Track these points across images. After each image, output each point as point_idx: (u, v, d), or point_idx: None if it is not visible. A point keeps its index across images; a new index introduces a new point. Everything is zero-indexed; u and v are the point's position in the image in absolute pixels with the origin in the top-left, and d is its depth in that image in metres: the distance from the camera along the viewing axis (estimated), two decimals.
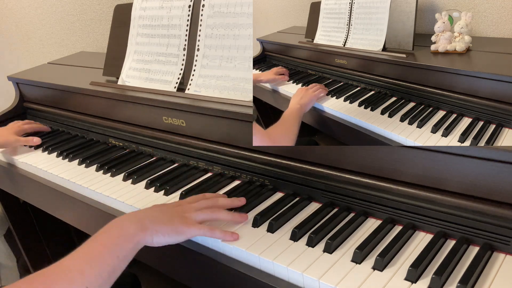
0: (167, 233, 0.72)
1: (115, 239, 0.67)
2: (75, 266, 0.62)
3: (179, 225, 0.74)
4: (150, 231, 0.70)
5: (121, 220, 0.71)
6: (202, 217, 0.78)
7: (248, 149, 0.97)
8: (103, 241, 0.66)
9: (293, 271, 0.69)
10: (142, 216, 0.72)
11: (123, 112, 1.23)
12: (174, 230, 0.73)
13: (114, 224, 0.70)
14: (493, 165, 0.67)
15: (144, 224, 0.70)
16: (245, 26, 1.03)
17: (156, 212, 0.75)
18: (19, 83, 1.55)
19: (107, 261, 0.64)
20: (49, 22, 2.08)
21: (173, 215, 0.75)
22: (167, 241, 0.73)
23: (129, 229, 0.69)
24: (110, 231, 0.68)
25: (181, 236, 0.74)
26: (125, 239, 0.67)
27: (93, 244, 0.66)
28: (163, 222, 0.73)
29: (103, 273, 0.63)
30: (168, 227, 0.73)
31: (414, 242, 0.73)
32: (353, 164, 0.83)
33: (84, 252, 0.65)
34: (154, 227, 0.71)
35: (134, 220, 0.71)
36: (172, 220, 0.74)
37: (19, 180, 1.27)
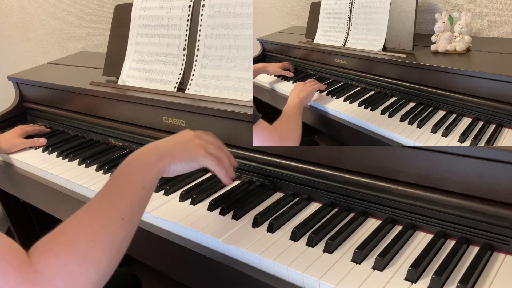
0: (183, 159, 0.75)
1: (138, 171, 0.69)
2: (107, 202, 0.63)
3: (193, 152, 0.77)
4: (168, 158, 0.73)
5: (140, 152, 0.72)
6: (212, 151, 0.80)
7: (248, 149, 0.97)
8: (127, 174, 0.68)
9: (293, 271, 0.69)
10: (159, 146, 0.75)
11: (123, 112, 1.23)
12: (190, 157, 0.76)
13: (134, 157, 0.71)
14: (493, 165, 0.67)
15: (161, 153, 0.73)
16: (245, 26, 1.03)
17: (172, 141, 0.78)
18: (19, 83, 1.55)
19: (135, 191, 0.66)
20: (49, 22, 2.08)
21: (187, 143, 0.78)
22: (183, 168, 0.76)
23: (149, 160, 0.71)
24: (132, 164, 0.70)
25: (195, 163, 0.77)
26: (147, 169, 0.69)
27: (119, 179, 0.68)
28: (180, 149, 0.76)
29: (134, 203, 0.64)
30: (184, 153, 0.75)
31: (414, 242, 0.73)
32: (353, 164, 0.83)
33: (113, 188, 0.66)
34: (171, 154, 0.74)
35: (152, 150, 0.73)
36: (186, 147, 0.77)
37: (19, 180, 1.27)
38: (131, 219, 0.63)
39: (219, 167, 0.79)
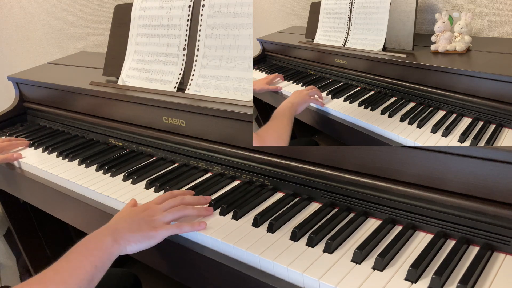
0: (138, 240, 0.77)
1: (93, 250, 0.72)
2: (58, 277, 0.67)
3: (147, 231, 0.78)
4: (123, 241, 0.76)
5: (97, 233, 0.77)
6: (169, 218, 0.82)
7: (248, 149, 0.97)
8: (82, 252, 0.72)
9: (293, 271, 0.69)
10: (114, 228, 0.78)
11: (123, 112, 1.23)
12: (144, 236, 0.78)
13: (91, 237, 0.75)
14: (493, 165, 0.67)
15: (117, 235, 0.76)
16: (245, 26, 1.03)
17: (127, 222, 0.80)
18: (19, 83, 1.55)
19: (87, 270, 0.70)
20: (49, 22, 2.08)
21: (142, 222, 0.80)
22: (139, 248, 0.78)
23: (105, 242, 0.74)
24: (88, 244, 0.74)
25: (152, 241, 0.78)
26: (102, 251, 0.73)
27: (73, 255, 0.72)
28: (133, 231, 0.77)
29: (83, 281, 0.68)
30: (138, 234, 0.77)
31: (414, 242, 0.73)
32: (353, 164, 0.83)
33: (66, 263, 0.70)
34: (126, 237, 0.76)
35: (108, 232, 0.76)
36: (141, 227, 0.78)
37: (19, 180, 1.27)
38: None
39: (178, 231, 0.81)
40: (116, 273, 1.08)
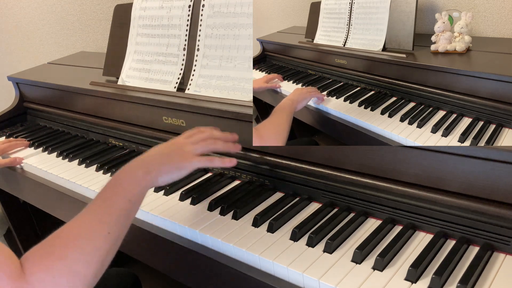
0: (170, 171, 0.77)
1: (125, 185, 0.71)
2: (94, 217, 0.66)
3: (179, 161, 0.78)
4: (155, 172, 0.75)
5: (127, 168, 0.75)
6: (200, 150, 0.82)
7: (248, 149, 0.97)
8: (114, 189, 0.71)
9: (293, 271, 0.69)
10: (145, 161, 0.76)
11: (123, 112, 1.23)
12: (176, 167, 0.78)
13: (122, 172, 0.74)
14: (493, 165, 0.67)
15: (149, 167, 0.75)
16: (245, 26, 1.03)
17: (157, 154, 0.79)
18: (19, 83, 1.55)
19: (122, 206, 0.68)
20: (49, 22, 2.08)
21: (173, 153, 0.79)
22: (171, 178, 0.77)
23: (137, 174, 0.73)
24: (120, 179, 0.72)
25: (183, 171, 0.78)
26: (134, 184, 0.72)
27: (106, 193, 0.70)
28: (164, 162, 0.77)
29: (120, 217, 0.67)
30: (170, 165, 0.77)
31: (414, 242, 0.73)
32: (353, 164, 0.83)
33: (100, 201, 0.69)
34: (158, 168, 0.75)
35: (139, 165, 0.75)
36: (172, 158, 0.78)
37: (19, 180, 1.27)
38: (117, 233, 0.66)
39: (209, 163, 0.81)
40: (116, 273, 1.08)
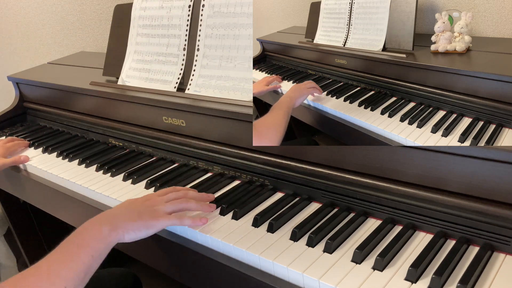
0: (138, 229, 0.75)
1: (88, 240, 0.70)
2: (53, 268, 0.65)
3: (148, 219, 0.76)
4: (122, 230, 0.73)
5: (94, 221, 0.74)
6: (171, 208, 0.81)
7: (248, 149, 0.97)
8: (78, 242, 0.70)
9: (293, 271, 0.69)
10: (113, 216, 0.75)
11: (123, 112, 1.23)
12: (144, 225, 0.76)
13: (87, 226, 0.73)
14: (493, 165, 0.67)
15: (115, 223, 0.73)
16: (245, 26, 1.03)
17: (126, 210, 0.78)
18: (19, 83, 1.55)
19: (83, 260, 0.67)
20: (49, 22, 2.08)
21: (142, 210, 0.78)
22: (138, 236, 0.76)
23: (102, 230, 0.72)
24: (84, 233, 0.71)
25: (151, 230, 0.77)
26: (99, 240, 0.70)
27: (68, 246, 0.69)
28: (133, 219, 0.75)
29: (79, 272, 0.66)
30: (138, 223, 0.75)
31: (414, 242, 0.73)
32: (353, 164, 0.83)
33: (61, 254, 0.68)
34: (125, 225, 0.74)
35: (106, 220, 0.74)
36: (141, 215, 0.77)
37: (19, 180, 1.27)
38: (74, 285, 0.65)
39: (178, 223, 0.80)
40: (116, 273, 1.08)
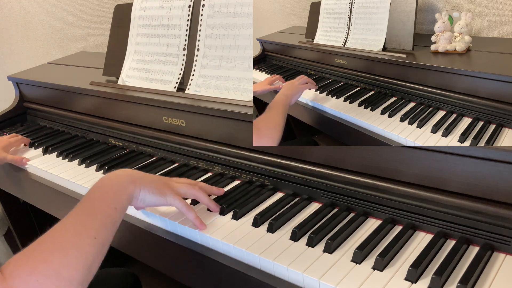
0: (153, 191, 0.77)
1: (111, 192, 0.71)
2: (80, 221, 0.65)
3: (163, 187, 0.79)
4: (139, 185, 0.75)
5: (114, 174, 0.75)
6: (184, 190, 0.83)
7: (248, 149, 0.97)
8: (101, 194, 0.70)
9: (293, 271, 0.69)
10: (131, 172, 0.78)
11: (123, 112, 1.23)
12: (159, 190, 0.78)
13: (108, 178, 0.74)
14: (493, 165, 0.67)
15: (134, 178, 0.75)
16: (245, 26, 1.03)
17: (144, 173, 0.80)
18: (19, 83, 1.55)
19: (107, 212, 0.68)
20: (49, 22, 2.08)
21: (159, 180, 0.81)
22: (151, 200, 0.78)
23: (123, 182, 0.73)
24: (104, 187, 0.72)
25: (164, 198, 0.79)
26: (120, 191, 0.72)
27: (92, 198, 0.69)
28: (151, 181, 0.78)
29: (106, 224, 0.66)
30: (154, 186, 0.78)
31: (414, 242, 0.73)
32: (353, 164, 0.83)
33: (85, 208, 0.68)
34: (143, 182, 0.76)
35: (125, 173, 0.76)
36: (158, 182, 0.80)
37: (19, 180, 1.27)
38: (103, 239, 0.65)
39: (185, 209, 0.81)
40: (116, 273, 1.08)
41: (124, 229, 0.94)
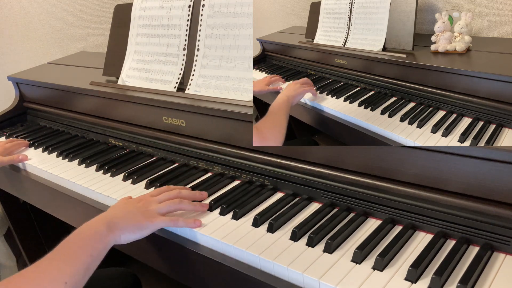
0: (132, 230, 0.78)
1: (87, 240, 0.73)
2: (53, 265, 0.67)
3: (143, 221, 0.79)
4: (118, 231, 0.76)
5: (91, 223, 0.77)
6: (165, 209, 0.84)
7: (248, 149, 0.97)
8: (77, 242, 0.72)
9: (293, 271, 0.69)
10: (109, 218, 0.78)
11: (123, 112, 1.23)
12: (139, 226, 0.79)
13: (85, 227, 0.75)
14: (493, 165, 0.67)
15: (112, 225, 0.76)
16: (245, 26, 1.03)
17: (122, 212, 0.81)
18: (19, 83, 1.55)
19: (82, 259, 0.69)
20: (49, 22, 2.08)
21: (137, 212, 0.81)
22: (133, 238, 0.78)
23: (100, 231, 0.75)
24: (82, 234, 0.74)
25: (146, 231, 0.80)
26: (97, 240, 0.73)
27: (68, 246, 0.71)
28: (128, 221, 0.78)
29: (79, 270, 0.68)
30: (133, 224, 0.78)
31: (414, 242, 0.73)
32: (353, 164, 0.83)
33: (61, 253, 0.70)
34: (121, 226, 0.77)
35: (103, 222, 0.77)
36: (135, 217, 0.80)
37: (19, 180, 1.27)
38: (74, 285, 0.67)
39: (172, 224, 0.82)
40: (116, 273, 1.08)
41: None
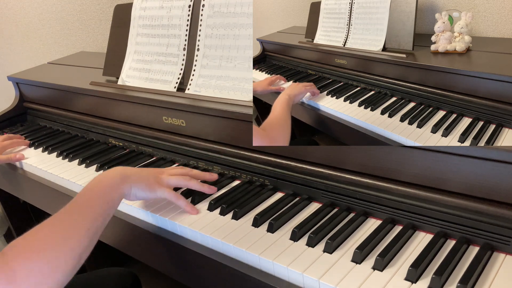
0: (142, 188, 0.83)
1: (104, 188, 0.77)
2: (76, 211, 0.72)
3: (153, 182, 0.85)
4: (130, 183, 0.82)
5: (107, 172, 0.81)
6: (174, 182, 0.89)
7: (248, 149, 0.97)
8: (95, 190, 0.77)
9: (293, 271, 0.69)
10: (124, 171, 0.83)
11: (123, 112, 1.23)
12: (148, 186, 0.84)
13: (101, 177, 0.80)
14: (493, 165, 0.67)
15: (125, 177, 0.81)
16: (245, 26, 1.03)
17: (135, 170, 0.86)
18: (19, 83, 1.55)
19: (100, 205, 0.74)
20: (49, 22, 2.08)
21: (149, 175, 0.86)
22: (142, 195, 0.84)
23: (115, 180, 0.79)
24: (97, 184, 0.78)
25: (153, 193, 0.85)
26: (112, 188, 0.78)
27: (87, 193, 0.76)
28: (140, 179, 0.84)
29: (98, 216, 0.73)
30: (144, 183, 0.84)
31: (414, 242, 0.73)
32: (353, 164, 0.83)
33: (81, 200, 0.74)
34: (133, 180, 0.82)
35: (118, 173, 0.82)
36: (147, 178, 0.85)
37: (19, 180, 1.27)
38: (95, 230, 0.71)
39: (174, 198, 0.87)
40: (116, 273, 1.08)
41: (124, 229, 0.95)
